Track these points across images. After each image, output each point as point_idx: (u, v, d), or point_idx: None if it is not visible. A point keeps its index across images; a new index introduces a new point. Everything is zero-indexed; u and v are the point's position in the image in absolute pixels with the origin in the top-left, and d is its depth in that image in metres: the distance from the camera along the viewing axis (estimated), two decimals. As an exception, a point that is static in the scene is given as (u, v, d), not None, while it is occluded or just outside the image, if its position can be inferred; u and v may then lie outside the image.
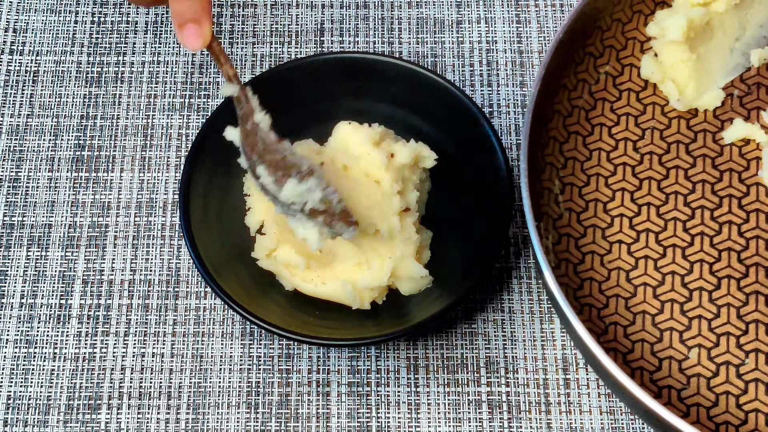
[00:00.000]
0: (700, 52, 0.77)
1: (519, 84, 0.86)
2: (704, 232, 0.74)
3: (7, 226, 0.81)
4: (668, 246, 0.73)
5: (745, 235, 0.73)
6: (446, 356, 0.76)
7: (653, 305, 0.71)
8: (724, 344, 0.70)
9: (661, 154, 0.76)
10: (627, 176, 0.75)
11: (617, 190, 0.75)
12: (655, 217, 0.74)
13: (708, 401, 0.68)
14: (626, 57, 0.79)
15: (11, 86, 0.86)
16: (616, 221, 0.74)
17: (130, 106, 0.86)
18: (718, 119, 0.77)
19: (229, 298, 0.72)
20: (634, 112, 0.78)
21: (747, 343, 0.70)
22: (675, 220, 0.74)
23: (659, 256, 0.73)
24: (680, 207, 0.74)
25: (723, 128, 0.77)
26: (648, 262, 0.73)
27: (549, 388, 0.75)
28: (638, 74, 0.79)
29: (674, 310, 0.71)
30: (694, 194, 0.75)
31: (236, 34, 0.89)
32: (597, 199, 0.75)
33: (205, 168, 0.77)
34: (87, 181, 0.83)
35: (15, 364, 0.76)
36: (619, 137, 0.77)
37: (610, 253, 0.73)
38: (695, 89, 0.77)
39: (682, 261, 0.73)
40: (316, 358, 0.76)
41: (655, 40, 0.78)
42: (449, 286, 0.74)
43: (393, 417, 0.75)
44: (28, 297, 0.79)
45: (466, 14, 0.90)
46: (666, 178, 0.75)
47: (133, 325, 0.78)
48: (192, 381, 0.76)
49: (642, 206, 0.75)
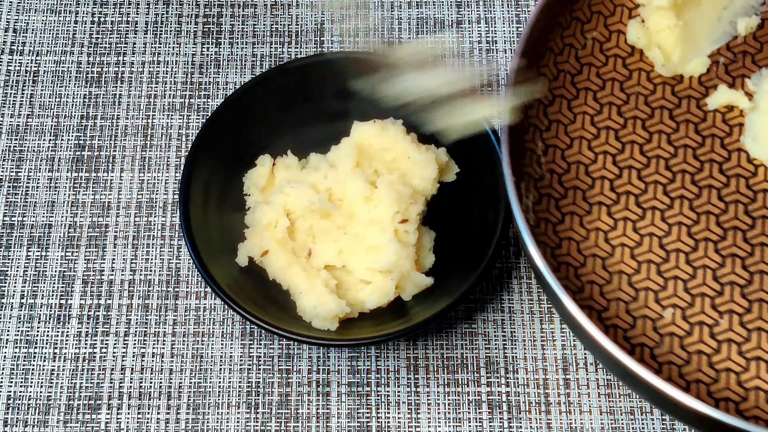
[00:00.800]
0: (687, 19, 0.78)
1: (519, 84, 0.86)
2: (684, 195, 0.74)
3: (7, 226, 0.81)
4: (648, 208, 0.74)
5: (724, 199, 0.74)
6: (446, 356, 0.76)
7: (630, 265, 0.72)
8: (699, 305, 0.70)
9: (645, 119, 0.77)
10: (610, 140, 0.76)
11: (600, 153, 0.75)
12: (636, 180, 0.75)
13: (681, 360, 0.69)
14: (614, 23, 0.79)
15: (11, 86, 0.86)
16: (597, 183, 0.74)
17: (130, 106, 0.86)
18: (703, 86, 0.78)
19: (229, 298, 0.72)
20: (620, 78, 0.78)
21: (722, 304, 0.70)
22: (656, 183, 0.74)
23: (638, 218, 0.73)
24: (661, 170, 0.75)
25: (707, 95, 0.78)
26: (627, 224, 0.73)
27: (549, 388, 0.75)
28: (625, 40, 0.79)
29: (651, 270, 0.72)
30: (676, 158, 0.75)
31: (236, 34, 0.89)
32: (579, 161, 0.75)
33: (205, 168, 0.77)
34: (87, 181, 0.83)
35: (15, 364, 0.76)
36: (604, 102, 0.77)
37: (590, 214, 0.73)
38: (681, 56, 0.78)
39: (660, 223, 0.73)
40: (316, 358, 0.76)
41: (642, 6, 0.79)
42: (449, 286, 0.74)
43: (393, 417, 0.75)
44: (28, 297, 0.79)
45: (466, 14, 0.90)
46: (649, 142, 0.76)
47: (133, 325, 0.78)
48: (192, 381, 0.76)
49: (624, 169, 0.75)
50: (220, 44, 0.88)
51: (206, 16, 0.90)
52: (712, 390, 0.68)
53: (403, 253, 0.74)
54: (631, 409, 0.75)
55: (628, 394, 0.75)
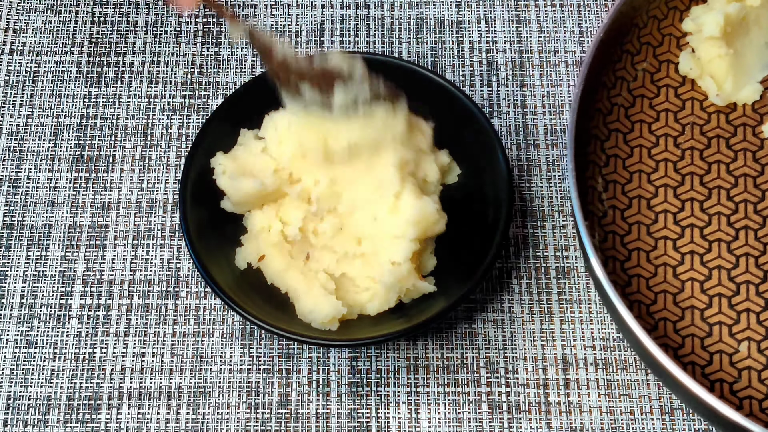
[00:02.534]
0: (737, 47, 0.78)
1: (519, 84, 0.86)
2: (748, 225, 0.74)
3: (7, 226, 0.81)
4: (713, 240, 0.74)
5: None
6: (446, 356, 0.76)
7: (701, 300, 0.72)
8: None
9: (702, 149, 0.77)
10: (669, 172, 0.76)
11: (660, 186, 0.76)
12: (698, 212, 0.75)
13: (762, 394, 0.69)
14: (663, 53, 0.80)
15: (11, 86, 0.86)
16: (660, 217, 0.75)
17: (130, 106, 0.86)
18: (757, 113, 0.78)
19: (229, 298, 0.72)
20: (674, 108, 0.78)
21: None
22: (719, 215, 0.75)
23: (705, 250, 0.73)
24: (723, 201, 0.75)
25: (762, 122, 0.78)
26: (694, 257, 0.73)
27: (549, 388, 0.75)
28: (675, 70, 0.79)
29: (722, 304, 0.72)
30: (737, 188, 0.76)
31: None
32: (640, 195, 0.75)
33: (204, 168, 0.77)
34: (87, 181, 0.83)
35: (15, 364, 0.76)
36: (660, 133, 0.77)
37: (656, 249, 0.74)
38: (733, 84, 0.78)
39: (727, 255, 0.73)
40: (316, 358, 0.76)
41: (691, 35, 0.79)
42: (449, 286, 0.74)
43: (393, 417, 0.75)
44: (28, 297, 0.79)
45: (466, 14, 0.90)
46: (708, 173, 0.76)
47: (133, 325, 0.78)
48: (192, 381, 0.76)
49: (685, 201, 0.75)
50: (220, 44, 0.88)
51: (206, 16, 0.90)
52: None
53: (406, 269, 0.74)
54: (631, 409, 0.75)
55: (627, 394, 0.75)
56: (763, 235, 0.74)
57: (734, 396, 0.69)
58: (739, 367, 0.70)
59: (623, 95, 0.78)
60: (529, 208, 0.82)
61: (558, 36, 0.88)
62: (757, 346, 0.70)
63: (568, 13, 0.89)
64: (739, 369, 0.70)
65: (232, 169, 0.75)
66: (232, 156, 0.77)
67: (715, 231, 0.74)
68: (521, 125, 0.85)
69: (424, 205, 0.73)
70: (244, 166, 0.76)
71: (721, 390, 0.69)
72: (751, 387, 0.69)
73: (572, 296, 0.78)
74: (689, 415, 0.74)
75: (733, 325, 0.71)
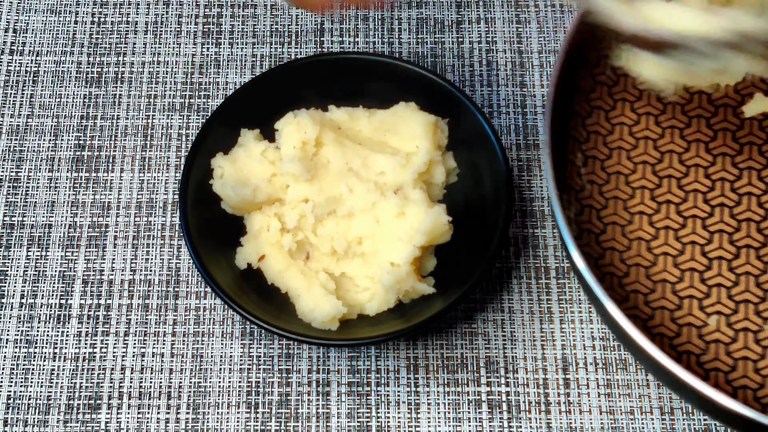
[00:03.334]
0: None
1: (519, 84, 0.86)
2: (724, 203, 0.75)
3: (7, 226, 0.81)
4: (689, 217, 0.74)
5: (764, 205, 0.74)
6: (446, 356, 0.76)
7: (673, 274, 0.72)
8: (743, 311, 0.71)
9: (683, 128, 0.77)
10: (649, 150, 0.76)
11: (639, 163, 0.76)
12: (675, 189, 0.75)
13: (727, 367, 0.70)
14: None
15: (11, 86, 0.86)
16: (637, 193, 0.75)
17: (130, 106, 0.86)
18: (739, 94, 0.78)
19: (229, 298, 0.72)
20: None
21: (765, 310, 0.71)
22: (695, 192, 0.75)
23: (680, 226, 0.74)
24: (700, 179, 0.75)
25: (744, 103, 0.78)
26: (669, 233, 0.73)
27: (549, 388, 0.75)
28: None
29: (694, 278, 0.72)
30: (715, 167, 0.76)
31: (236, 35, 0.89)
32: (619, 171, 0.76)
33: (205, 168, 0.77)
34: (87, 181, 0.83)
35: (15, 364, 0.76)
36: (641, 112, 0.78)
37: (632, 224, 0.74)
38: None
39: (702, 231, 0.74)
40: (316, 358, 0.76)
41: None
42: (449, 286, 0.74)
43: (393, 417, 0.75)
44: (28, 297, 0.79)
45: (466, 14, 0.90)
46: (687, 151, 0.76)
47: (133, 325, 0.78)
48: (192, 381, 0.76)
49: (663, 179, 0.76)
50: (220, 44, 0.88)
51: (206, 16, 0.90)
52: (759, 395, 0.69)
53: (405, 270, 0.74)
54: (631, 409, 0.75)
55: (627, 394, 0.75)
56: (738, 213, 0.74)
57: (701, 368, 0.70)
58: (708, 339, 0.70)
59: (607, 73, 0.78)
60: (529, 208, 0.82)
61: (558, 36, 0.88)
62: (726, 319, 0.71)
63: (568, 13, 0.89)
64: (707, 342, 0.70)
65: (229, 174, 0.76)
66: (232, 158, 0.77)
67: (691, 207, 0.75)
68: (521, 125, 0.85)
69: (437, 216, 0.73)
70: (243, 169, 0.76)
71: (688, 361, 0.70)
72: (718, 360, 0.70)
73: (572, 296, 0.78)
74: (689, 415, 0.74)
75: (703, 299, 0.72)
